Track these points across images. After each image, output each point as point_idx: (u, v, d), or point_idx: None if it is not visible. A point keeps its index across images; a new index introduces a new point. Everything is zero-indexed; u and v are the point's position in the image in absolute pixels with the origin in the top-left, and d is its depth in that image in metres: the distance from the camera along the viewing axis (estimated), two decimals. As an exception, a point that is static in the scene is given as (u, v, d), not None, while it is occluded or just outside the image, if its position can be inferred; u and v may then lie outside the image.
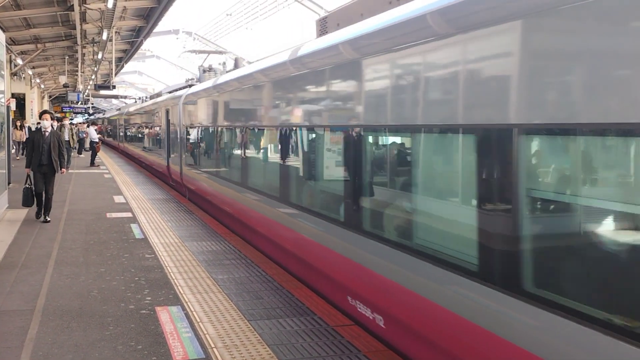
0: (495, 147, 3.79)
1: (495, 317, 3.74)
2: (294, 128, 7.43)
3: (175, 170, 16.87)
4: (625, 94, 2.95)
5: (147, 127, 24.58)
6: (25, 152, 27.09)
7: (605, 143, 3.30)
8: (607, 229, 3.29)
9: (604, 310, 3.02)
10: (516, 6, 3.71)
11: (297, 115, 7.39)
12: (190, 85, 17.86)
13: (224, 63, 17.54)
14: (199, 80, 17.97)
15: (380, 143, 5.69)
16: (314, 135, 6.98)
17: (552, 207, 3.66)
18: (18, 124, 28.52)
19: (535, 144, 3.65)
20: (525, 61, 3.62)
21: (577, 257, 3.38)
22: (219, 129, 11.82)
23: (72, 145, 25.22)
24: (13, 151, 27.01)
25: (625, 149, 3.16)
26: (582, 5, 3.16)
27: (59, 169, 11.70)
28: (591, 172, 3.45)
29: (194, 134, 14.56)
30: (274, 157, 8.23)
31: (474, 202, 3.96)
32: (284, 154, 7.81)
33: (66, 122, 26.57)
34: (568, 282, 3.33)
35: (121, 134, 36.07)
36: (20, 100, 32.68)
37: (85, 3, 20.63)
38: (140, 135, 26.90)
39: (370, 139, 5.60)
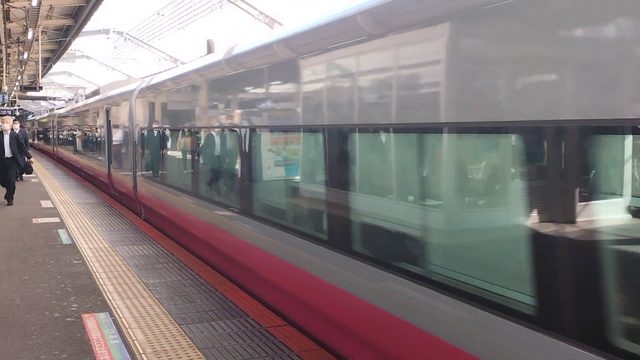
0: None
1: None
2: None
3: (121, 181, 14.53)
4: None
5: (83, 130, 21.42)
6: None
7: None
8: None
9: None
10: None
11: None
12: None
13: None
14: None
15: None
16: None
17: None
18: None
19: None
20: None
21: None
22: (187, 130, 9.42)
23: None
24: None
25: None
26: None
27: None
28: None
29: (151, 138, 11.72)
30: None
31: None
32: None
33: None
34: None
35: (53, 137, 32.57)
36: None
37: (9, 1, 19.81)
38: (80, 140, 22.31)
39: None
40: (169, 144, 10.48)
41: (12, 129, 15.19)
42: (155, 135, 11.11)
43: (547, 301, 2.91)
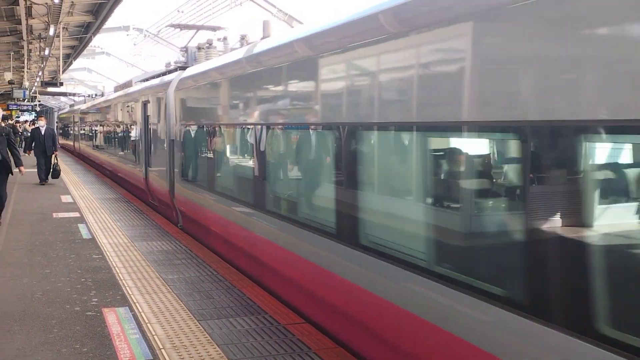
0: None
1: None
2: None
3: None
4: None
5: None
6: None
7: None
8: None
9: None
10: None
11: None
12: (181, 68, 12.63)
13: (225, 38, 14.84)
14: (188, 62, 13.61)
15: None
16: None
17: None
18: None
19: None
20: None
21: None
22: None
23: None
24: None
25: None
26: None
27: None
28: None
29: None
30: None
31: None
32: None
33: None
34: None
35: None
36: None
37: (31, -3, 20.02)
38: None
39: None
40: None
41: None
42: None
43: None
